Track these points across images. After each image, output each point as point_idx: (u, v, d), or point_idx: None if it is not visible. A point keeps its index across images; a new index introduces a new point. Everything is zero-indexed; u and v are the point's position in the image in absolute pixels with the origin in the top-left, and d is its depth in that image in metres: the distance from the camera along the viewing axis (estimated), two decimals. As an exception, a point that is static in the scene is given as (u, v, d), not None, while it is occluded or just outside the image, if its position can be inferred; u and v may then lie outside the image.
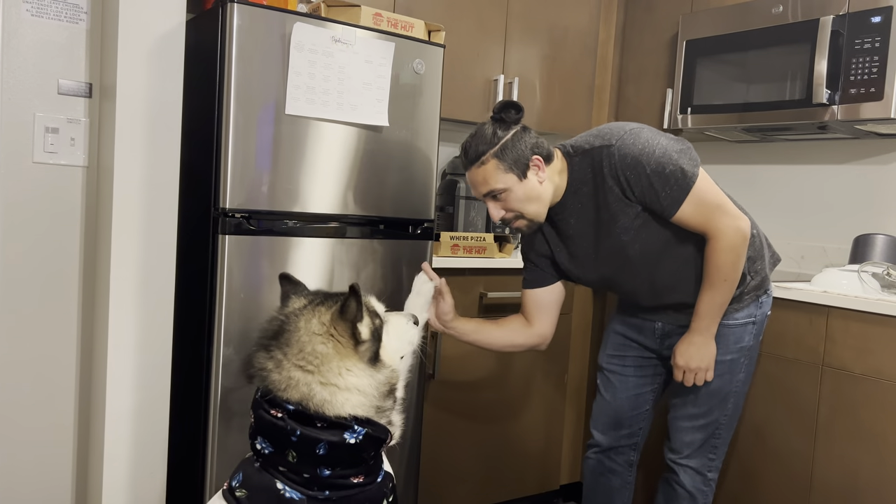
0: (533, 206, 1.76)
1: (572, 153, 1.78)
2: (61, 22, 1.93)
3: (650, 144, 1.68)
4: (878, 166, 2.51)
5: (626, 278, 1.86)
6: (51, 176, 1.95)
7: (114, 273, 1.83)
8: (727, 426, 1.91)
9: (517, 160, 1.71)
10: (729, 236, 1.69)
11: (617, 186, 1.71)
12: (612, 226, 1.76)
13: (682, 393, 1.90)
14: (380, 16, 2.03)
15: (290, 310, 1.38)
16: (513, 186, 1.72)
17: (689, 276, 1.81)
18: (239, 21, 1.80)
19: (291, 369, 1.31)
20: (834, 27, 2.22)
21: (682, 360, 1.80)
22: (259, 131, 1.85)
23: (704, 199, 1.69)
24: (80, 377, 2.04)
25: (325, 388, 1.30)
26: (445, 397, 2.40)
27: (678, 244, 1.77)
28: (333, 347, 1.33)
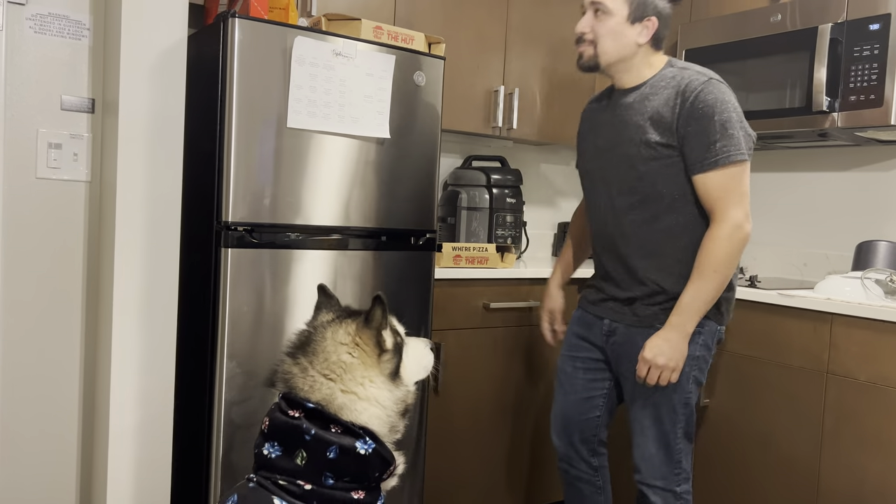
0: (610, 46, 1.77)
1: (673, 66, 1.80)
2: (64, 39, 1.94)
3: (732, 103, 1.71)
4: (880, 173, 2.51)
5: (602, 189, 1.87)
6: (54, 191, 1.96)
7: (117, 287, 1.83)
8: (684, 438, 1.83)
9: (641, 4, 1.75)
10: (732, 227, 1.68)
11: (676, 109, 1.71)
12: (637, 134, 1.77)
13: (632, 405, 1.87)
14: (380, 29, 2.05)
15: (318, 322, 1.46)
16: (616, 15, 1.75)
17: (649, 251, 1.79)
18: (240, 36, 1.81)
19: (316, 375, 1.37)
20: (832, 35, 2.23)
21: (649, 354, 1.73)
22: (261, 144, 1.86)
23: (736, 180, 1.69)
24: (84, 392, 2.04)
25: (345, 395, 1.36)
26: (448, 411, 2.40)
27: (658, 208, 1.77)
28: (358, 357, 1.38)
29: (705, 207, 1.73)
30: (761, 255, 2.82)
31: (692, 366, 1.79)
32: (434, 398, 2.34)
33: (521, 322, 2.52)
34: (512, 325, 2.50)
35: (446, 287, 2.34)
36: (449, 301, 2.36)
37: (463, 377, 2.42)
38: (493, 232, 2.80)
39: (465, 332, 2.41)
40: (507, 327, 2.49)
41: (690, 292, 1.72)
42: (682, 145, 1.72)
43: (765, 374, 2.16)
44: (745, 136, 1.71)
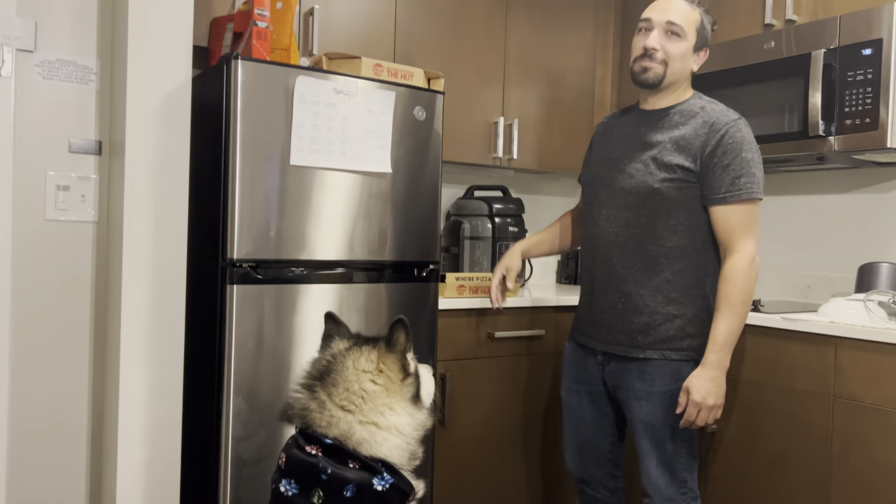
0: (678, 68, 1.85)
1: (701, 98, 1.90)
2: (72, 83, 1.99)
3: (756, 145, 1.82)
4: (880, 194, 2.53)
5: (604, 207, 1.90)
6: (62, 232, 1.99)
7: (124, 326, 1.85)
8: (688, 457, 1.87)
9: (703, 34, 1.87)
10: (751, 259, 1.77)
11: (704, 139, 1.78)
12: (656, 155, 1.83)
13: (635, 431, 1.89)
14: (380, 66, 2.09)
15: (336, 351, 1.43)
16: (688, 40, 1.84)
17: (644, 267, 1.83)
18: (243, 77, 1.85)
19: (333, 409, 1.35)
20: (826, 61, 2.26)
21: (698, 397, 1.74)
22: (265, 182, 1.89)
23: (751, 216, 1.79)
24: (92, 429, 2.05)
25: (364, 427, 1.34)
26: (455, 441, 2.39)
27: (662, 227, 1.82)
28: (382, 383, 1.37)
29: (720, 238, 1.80)
30: (765, 279, 2.82)
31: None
32: (441, 429, 2.34)
33: (526, 351, 2.53)
34: (517, 353, 2.51)
35: (451, 317, 2.35)
36: (454, 331, 2.37)
37: (469, 408, 2.42)
38: (497, 261, 2.82)
39: (471, 363, 2.41)
40: (512, 356, 2.50)
41: (724, 326, 1.75)
42: (706, 174, 1.79)
43: (772, 398, 2.15)
44: (762, 179, 1.81)
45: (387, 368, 1.38)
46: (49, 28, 1.95)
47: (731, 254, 1.78)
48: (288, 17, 2.03)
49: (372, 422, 1.34)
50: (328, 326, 1.52)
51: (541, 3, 2.87)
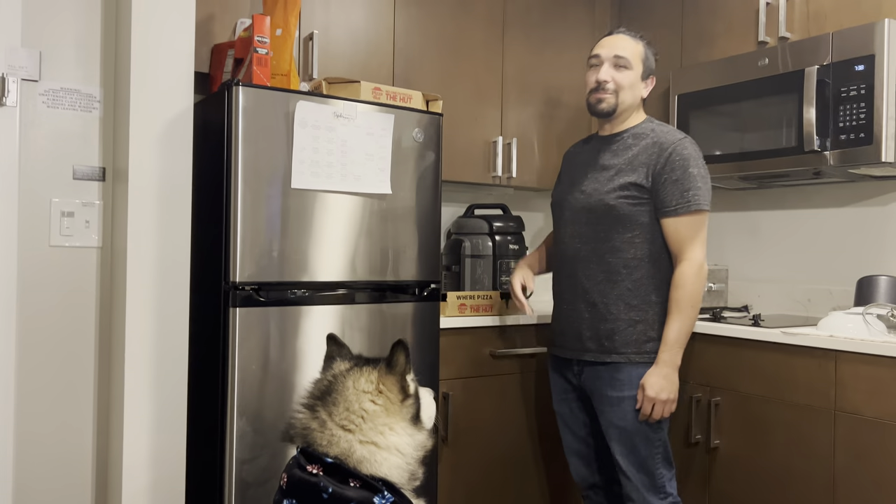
0: (628, 97, 2.03)
1: (651, 122, 2.07)
2: (76, 111, 2.02)
3: (702, 161, 2.00)
4: (878, 208, 2.54)
5: (570, 225, 2.07)
6: (66, 258, 2.01)
7: (128, 350, 1.87)
8: (664, 463, 1.98)
9: (648, 63, 2.06)
10: (699, 265, 1.94)
11: (654, 157, 1.95)
12: (612, 175, 1.99)
13: (610, 438, 2.00)
14: (379, 90, 2.12)
15: (337, 371, 1.46)
16: (634, 70, 2.03)
17: (607, 278, 1.98)
18: (244, 102, 1.88)
19: (334, 428, 1.37)
20: (819, 77, 2.28)
21: (652, 392, 1.90)
22: (266, 205, 1.92)
23: (700, 227, 1.96)
24: (97, 453, 2.06)
25: (364, 446, 1.36)
26: (459, 460, 2.40)
27: (620, 241, 1.97)
28: (382, 404, 1.39)
29: (672, 247, 1.97)
30: (766, 293, 2.83)
31: None
32: (444, 448, 2.35)
33: (528, 368, 2.54)
34: (519, 371, 2.52)
35: (452, 336, 2.37)
36: (456, 350, 2.38)
37: (472, 426, 2.42)
38: (498, 278, 2.84)
39: (473, 381, 2.42)
40: (514, 374, 2.51)
41: (674, 328, 1.92)
42: (657, 190, 1.95)
43: (773, 413, 2.15)
44: (708, 191, 1.97)
45: (386, 389, 1.40)
46: (53, 57, 1.99)
47: (681, 261, 1.95)
48: (288, 42, 2.07)
49: (371, 441, 1.36)
50: (330, 348, 1.53)
51: (537, 24, 2.90)
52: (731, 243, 2.98)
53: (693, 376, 2.37)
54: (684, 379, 2.39)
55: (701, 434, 2.33)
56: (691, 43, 2.81)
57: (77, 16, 2.02)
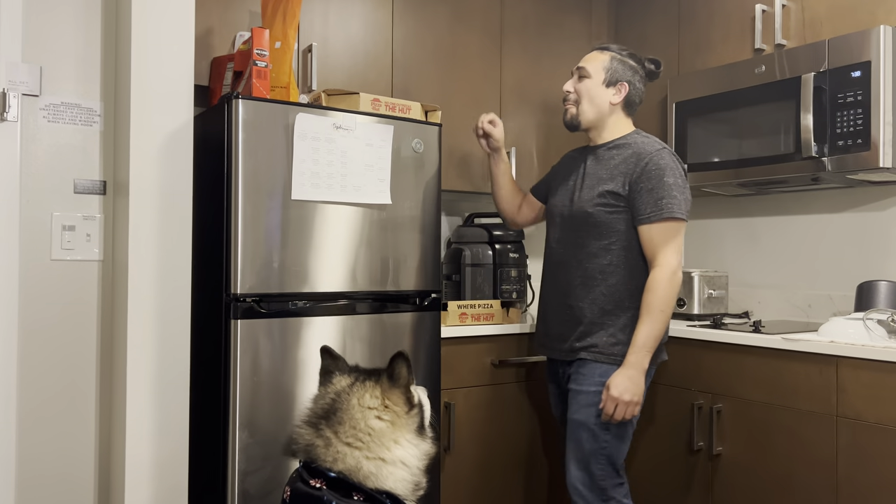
0: (589, 107, 2.10)
1: (639, 134, 2.11)
2: (76, 126, 2.03)
3: (679, 171, 2.02)
4: (876, 213, 2.55)
5: (557, 230, 2.15)
6: (68, 272, 2.02)
7: (130, 363, 1.87)
8: (608, 465, 1.99)
9: (614, 72, 2.08)
10: (671, 271, 1.95)
11: (632, 167, 2.00)
12: (595, 184, 2.06)
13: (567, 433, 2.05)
14: (378, 101, 2.13)
15: (339, 388, 1.44)
16: (594, 79, 2.08)
17: (584, 282, 2.04)
18: (244, 115, 1.89)
19: (340, 445, 1.36)
20: (816, 83, 2.29)
21: (616, 392, 1.92)
22: (267, 217, 1.92)
23: (674, 235, 1.98)
24: (99, 466, 2.06)
25: (371, 462, 1.35)
26: (462, 469, 2.39)
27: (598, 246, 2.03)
28: (389, 419, 1.38)
29: (646, 253, 2.01)
30: (766, 299, 2.84)
31: None
32: (446, 457, 2.34)
33: (530, 376, 2.54)
34: (521, 380, 2.52)
35: (454, 345, 2.37)
36: (457, 359, 2.38)
37: (475, 435, 2.42)
38: (499, 287, 2.84)
39: (475, 390, 2.42)
40: (516, 383, 2.51)
41: (643, 331, 1.95)
42: (634, 199, 2.00)
43: (776, 419, 2.15)
44: (685, 200, 2.00)
45: (392, 403, 1.39)
46: (54, 72, 2.00)
47: (654, 267, 1.98)
48: (287, 55, 2.08)
49: (379, 457, 1.36)
50: (325, 362, 1.52)
51: (535, 34, 2.92)
52: (731, 250, 2.98)
53: (695, 383, 2.37)
54: (686, 386, 2.39)
55: (703, 441, 2.33)
56: (688, 51, 2.82)
57: (77, 30, 2.03)
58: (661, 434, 2.49)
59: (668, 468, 2.46)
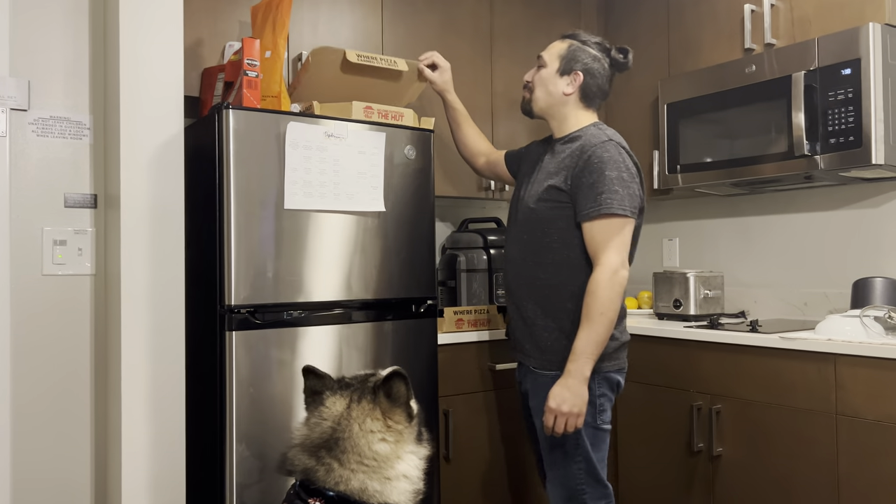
0: (542, 94, 2.06)
1: (597, 127, 2.00)
2: (66, 139, 2.02)
3: (625, 164, 1.90)
4: (870, 210, 2.55)
5: (511, 226, 2.09)
6: (60, 287, 2.00)
7: (125, 378, 1.86)
8: (588, 479, 1.90)
9: (570, 60, 2.02)
10: (611, 271, 1.83)
11: (576, 160, 1.92)
12: (543, 179, 1.99)
13: (542, 448, 1.98)
14: (370, 109, 2.12)
15: (337, 413, 1.37)
16: (549, 67, 2.04)
17: (528, 283, 1.98)
18: (235, 125, 1.88)
19: (343, 471, 1.32)
20: (807, 82, 2.30)
21: (554, 403, 1.81)
22: (260, 227, 1.91)
23: (615, 230, 1.86)
24: (95, 483, 2.04)
25: (375, 482, 1.32)
26: (461, 477, 2.38)
27: (539, 245, 1.96)
28: (393, 439, 1.35)
29: (589, 252, 1.89)
30: (762, 298, 2.83)
31: None
32: (446, 466, 2.33)
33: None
34: (519, 385, 2.50)
35: (451, 352, 2.36)
36: (454, 366, 2.37)
37: (473, 442, 2.41)
38: (494, 292, 2.83)
39: (473, 396, 2.41)
40: (513, 388, 2.49)
41: (582, 337, 1.82)
42: (575, 194, 1.90)
43: (775, 418, 2.15)
44: (629, 196, 1.87)
45: (394, 423, 1.36)
46: (42, 86, 1.99)
47: (595, 267, 1.86)
48: (277, 65, 2.07)
49: (384, 477, 1.33)
50: (311, 382, 1.44)
51: (524, 39, 2.92)
52: (726, 249, 2.98)
53: (693, 384, 2.37)
54: (684, 388, 2.38)
55: (703, 443, 2.32)
56: (678, 52, 2.83)
57: (65, 44, 2.02)
58: (660, 436, 2.48)
59: (669, 471, 2.45)
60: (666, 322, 2.65)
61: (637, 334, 2.55)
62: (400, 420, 1.36)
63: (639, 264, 3.31)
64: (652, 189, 2.90)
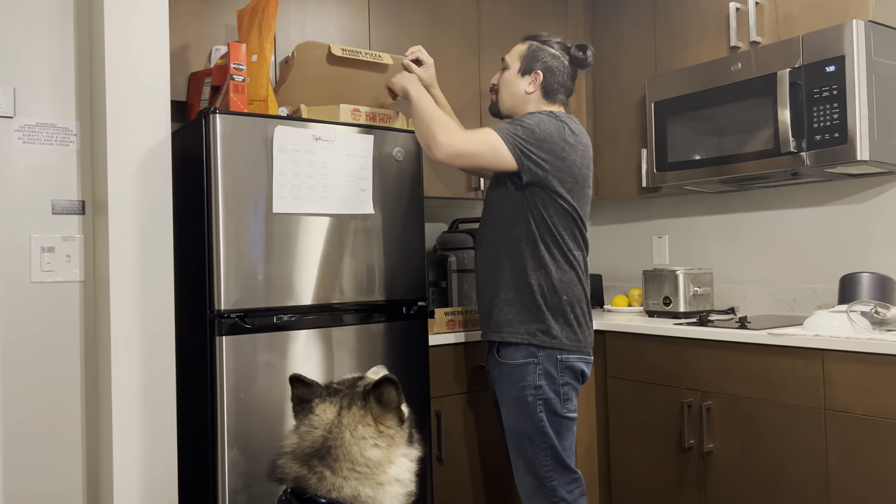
0: (506, 96, 2.15)
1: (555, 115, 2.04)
2: (52, 146, 2.01)
3: (545, 122, 1.99)
4: (856, 205, 2.57)
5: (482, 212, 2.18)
6: (48, 294, 2.00)
7: (115, 384, 1.85)
8: (555, 465, 1.98)
9: (530, 59, 2.11)
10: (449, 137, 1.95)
11: None
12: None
13: (507, 436, 2.06)
14: (358, 111, 2.12)
15: (327, 421, 1.35)
16: (511, 69, 2.13)
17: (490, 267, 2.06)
18: (222, 130, 1.88)
19: (335, 479, 1.31)
20: (792, 79, 2.31)
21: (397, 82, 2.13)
22: (249, 232, 1.91)
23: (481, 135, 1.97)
24: (88, 492, 2.03)
25: (368, 488, 1.31)
26: (453, 478, 2.38)
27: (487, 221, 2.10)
28: (385, 444, 1.34)
29: None
30: (751, 294, 2.85)
31: (534, 395, 1.97)
32: (438, 467, 2.33)
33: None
34: (510, 385, 2.51)
35: (442, 352, 2.37)
36: (446, 366, 2.38)
37: (466, 443, 2.41)
38: (485, 293, 2.83)
39: (465, 397, 2.42)
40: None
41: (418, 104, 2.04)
42: None
43: (764, 414, 2.16)
44: (523, 137, 1.95)
45: (386, 428, 1.35)
46: (28, 93, 1.98)
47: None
48: (264, 68, 2.07)
49: (377, 482, 1.32)
50: (299, 391, 1.42)
51: (512, 39, 2.91)
52: (715, 246, 3.00)
53: (683, 381, 2.38)
54: (675, 385, 2.40)
55: (694, 439, 2.34)
56: (665, 50, 2.84)
57: (50, 50, 2.01)
58: (651, 433, 2.49)
59: (661, 467, 2.47)
60: (656, 319, 2.66)
61: (627, 332, 2.57)
62: (392, 425, 1.36)
63: (628, 262, 3.33)
64: (640, 187, 2.91)
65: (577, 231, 2.02)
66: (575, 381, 2.01)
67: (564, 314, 1.99)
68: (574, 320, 2.00)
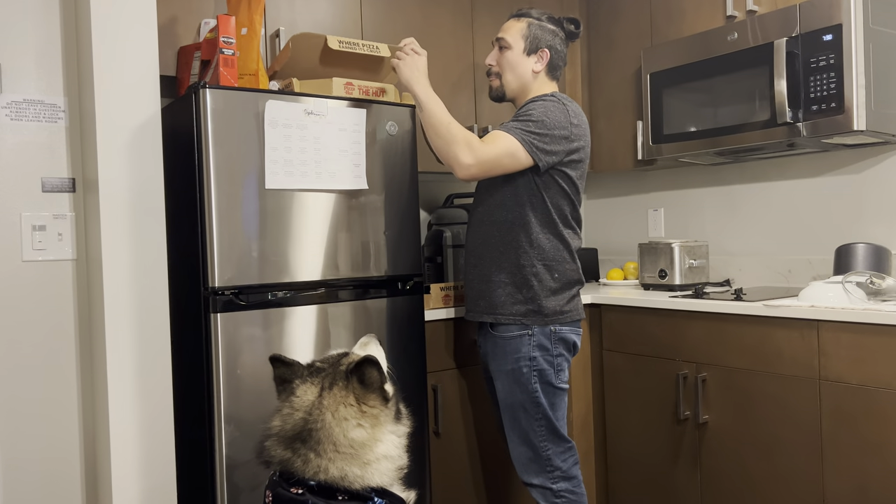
0: (512, 77, 2.09)
1: (554, 96, 2.04)
2: (41, 123, 1.98)
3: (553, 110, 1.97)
4: (852, 175, 2.56)
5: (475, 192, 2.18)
6: (41, 272, 1.98)
7: (110, 361, 1.85)
8: (550, 436, 2.01)
9: (534, 38, 2.06)
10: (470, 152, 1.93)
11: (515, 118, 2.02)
12: None
13: (501, 408, 2.07)
14: (351, 85, 2.10)
15: (307, 403, 1.33)
16: (514, 49, 2.07)
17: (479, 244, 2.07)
18: (212, 104, 1.85)
19: (320, 461, 1.29)
20: (788, 49, 2.29)
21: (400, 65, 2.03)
22: (242, 208, 1.89)
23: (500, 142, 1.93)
24: (85, 468, 2.04)
25: (355, 467, 1.30)
26: (450, 452, 2.40)
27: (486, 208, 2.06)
28: (369, 423, 1.32)
29: None
30: (746, 266, 2.85)
31: (529, 366, 1.99)
32: (436, 441, 2.35)
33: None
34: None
35: (439, 327, 2.36)
36: (442, 341, 2.38)
37: (462, 417, 2.42)
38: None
39: (461, 371, 2.42)
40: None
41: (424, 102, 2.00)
42: None
43: (759, 385, 2.18)
44: (537, 134, 1.92)
45: (369, 408, 1.32)
46: (14, 70, 1.95)
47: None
48: (254, 42, 2.03)
49: (364, 461, 1.30)
50: (279, 371, 1.40)
51: (506, 9, 2.88)
52: (710, 218, 2.99)
53: (679, 353, 2.39)
54: (670, 357, 2.41)
55: (689, 410, 2.35)
56: (661, 21, 2.80)
57: (36, 26, 1.97)
58: (647, 405, 2.50)
59: (656, 439, 2.48)
60: (652, 292, 2.66)
61: (623, 305, 2.57)
62: (375, 404, 1.32)
63: (624, 235, 3.32)
64: (636, 160, 2.90)
65: (572, 209, 2.04)
66: (567, 352, 2.04)
67: (555, 291, 2.00)
68: (566, 296, 2.02)
